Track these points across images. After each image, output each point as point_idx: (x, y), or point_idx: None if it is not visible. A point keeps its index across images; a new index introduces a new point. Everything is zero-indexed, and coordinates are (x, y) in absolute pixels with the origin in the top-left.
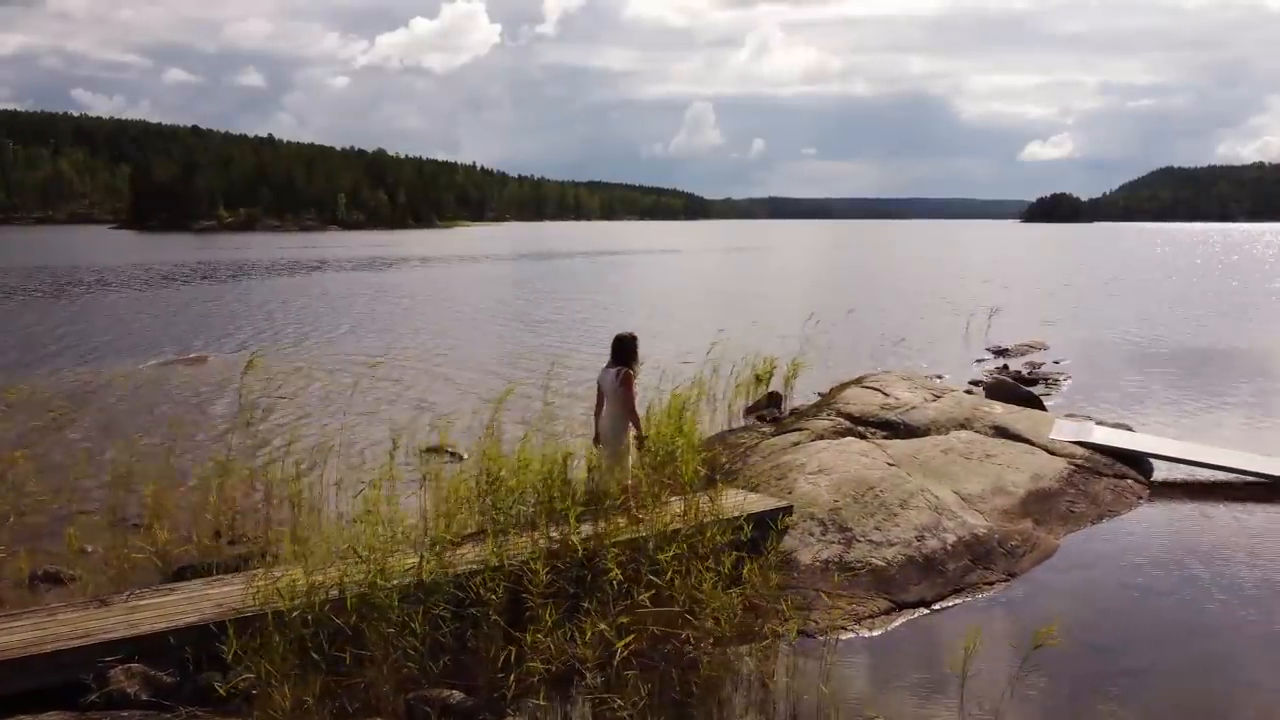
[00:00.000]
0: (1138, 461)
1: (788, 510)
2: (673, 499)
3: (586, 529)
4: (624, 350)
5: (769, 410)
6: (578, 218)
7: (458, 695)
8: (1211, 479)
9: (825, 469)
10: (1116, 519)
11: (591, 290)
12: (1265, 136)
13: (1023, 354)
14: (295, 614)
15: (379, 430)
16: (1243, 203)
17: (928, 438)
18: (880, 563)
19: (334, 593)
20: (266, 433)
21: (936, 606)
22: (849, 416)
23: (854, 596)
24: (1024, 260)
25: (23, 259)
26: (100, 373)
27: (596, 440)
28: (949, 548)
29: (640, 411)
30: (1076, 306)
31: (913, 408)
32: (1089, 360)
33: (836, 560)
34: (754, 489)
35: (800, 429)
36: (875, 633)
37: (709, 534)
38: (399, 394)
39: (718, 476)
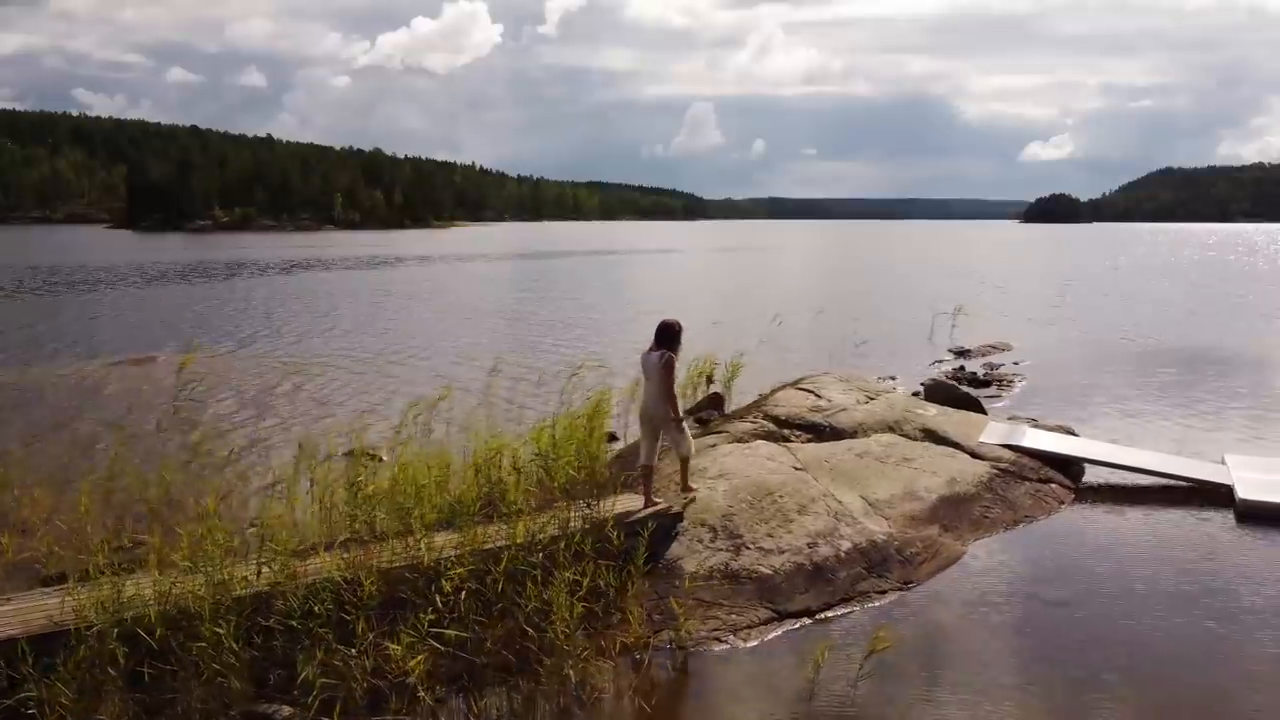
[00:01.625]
0: (1069, 465)
1: (677, 517)
2: (555, 505)
3: (442, 538)
4: (668, 335)
5: (708, 413)
6: (577, 218)
7: (286, 710)
8: (1138, 483)
9: (726, 473)
10: (1031, 525)
11: (579, 291)
12: (1266, 137)
13: (983, 355)
14: (100, 628)
15: (302, 432)
16: (1243, 204)
17: (842, 441)
18: (767, 571)
19: (156, 606)
20: (184, 435)
21: (821, 616)
22: (775, 419)
23: (734, 606)
24: (1017, 261)
25: (9, 258)
26: (40, 373)
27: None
28: (842, 555)
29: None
30: (1056, 307)
31: (842, 410)
32: (1051, 362)
33: (722, 568)
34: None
35: (721, 432)
36: (751, 644)
37: (568, 541)
38: (341, 395)
39: (589, 482)
